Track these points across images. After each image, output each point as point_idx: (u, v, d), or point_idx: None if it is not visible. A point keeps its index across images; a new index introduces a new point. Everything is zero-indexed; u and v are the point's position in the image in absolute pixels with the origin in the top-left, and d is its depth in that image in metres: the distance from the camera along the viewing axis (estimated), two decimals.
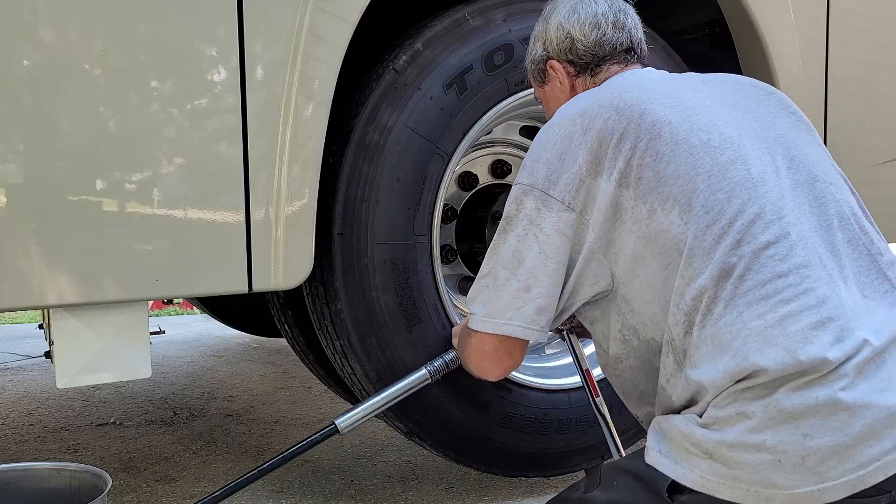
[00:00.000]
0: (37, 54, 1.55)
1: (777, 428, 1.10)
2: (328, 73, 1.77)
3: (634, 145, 1.28)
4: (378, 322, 1.91)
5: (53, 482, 1.63)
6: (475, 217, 2.24)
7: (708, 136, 1.28)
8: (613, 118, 1.31)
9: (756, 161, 1.27)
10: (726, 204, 1.22)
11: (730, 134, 1.29)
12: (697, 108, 1.32)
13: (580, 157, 1.31)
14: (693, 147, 1.26)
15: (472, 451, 2.06)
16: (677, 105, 1.32)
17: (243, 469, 2.40)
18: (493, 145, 2.33)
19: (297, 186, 1.76)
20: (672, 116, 1.30)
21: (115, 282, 1.63)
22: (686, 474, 1.16)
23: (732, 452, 1.12)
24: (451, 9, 2.01)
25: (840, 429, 1.08)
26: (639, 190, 1.26)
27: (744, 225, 1.20)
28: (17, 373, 3.84)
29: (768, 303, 1.15)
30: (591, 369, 1.84)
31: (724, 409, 1.14)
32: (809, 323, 1.14)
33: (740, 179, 1.24)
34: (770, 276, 1.17)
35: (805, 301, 1.15)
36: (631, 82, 1.42)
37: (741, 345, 1.14)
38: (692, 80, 1.43)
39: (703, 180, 1.24)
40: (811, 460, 1.08)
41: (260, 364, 4.02)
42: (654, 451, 1.22)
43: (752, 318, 1.15)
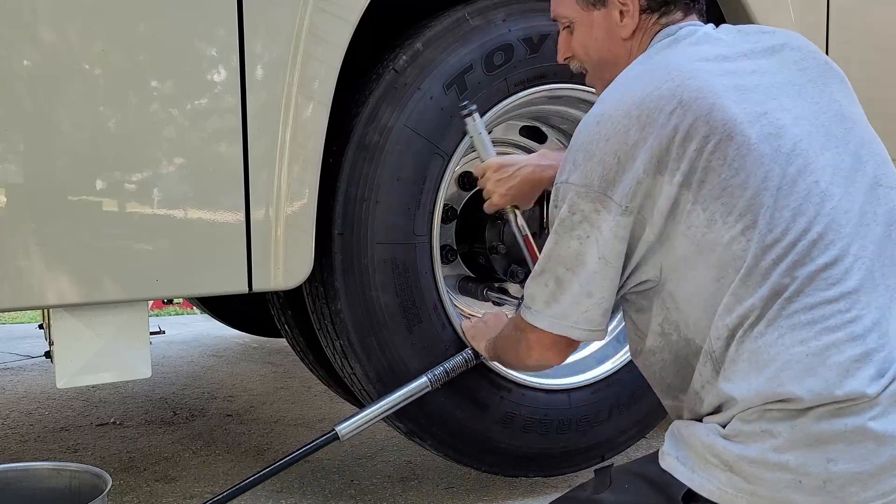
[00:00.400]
0: (37, 54, 1.55)
1: (802, 450, 1.09)
2: (328, 73, 1.77)
3: (702, 146, 1.19)
4: (378, 322, 1.90)
5: (53, 482, 1.63)
6: (475, 217, 2.24)
7: (778, 141, 1.20)
8: (678, 113, 1.20)
9: (824, 169, 1.21)
10: (791, 223, 1.16)
11: (799, 136, 1.22)
12: (765, 102, 1.23)
13: (639, 156, 1.21)
14: (763, 156, 1.18)
15: (472, 451, 2.06)
16: (746, 100, 1.23)
17: (243, 469, 2.40)
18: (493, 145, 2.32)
19: (297, 186, 1.76)
20: (742, 115, 1.20)
21: (115, 282, 1.63)
22: (704, 484, 1.14)
23: (753, 468, 1.11)
24: (451, 9, 2.01)
25: (866, 457, 1.07)
26: (700, 195, 1.19)
27: (806, 246, 1.15)
28: (17, 373, 3.84)
29: (813, 329, 1.12)
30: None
31: (749, 425, 1.13)
32: (853, 356, 1.11)
33: (808, 193, 1.18)
34: (819, 301, 1.13)
35: (851, 330, 1.12)
36: (691, 60, 1.28)
37: (779, 369, 1.12)
38: (755, 56, 1.31)
39: (771, 195, 1.17)
40: (833, 485, 1.07)
41: (260, 364, 4.01)
42: (670, 456, 1.21)
43: (794, 344, 1.12)
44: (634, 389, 2.21)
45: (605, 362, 2.23)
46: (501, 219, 2.18)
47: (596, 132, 1.26)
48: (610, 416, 2.17)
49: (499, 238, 2.18)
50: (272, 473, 1.80)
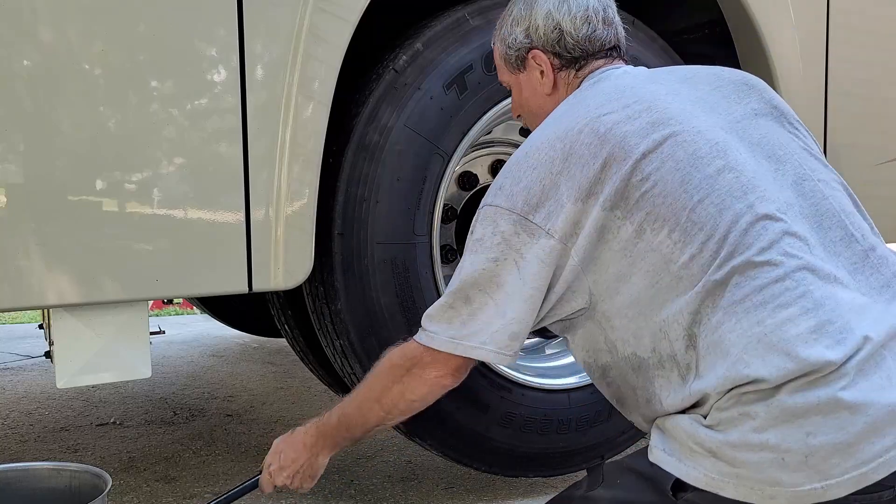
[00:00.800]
0: (37, 54, 1.55)
1: (780, 427, 1.10)
2: (328, 73, 1.77)
3: (619, 169, 1.24)
4: (378, 322, 1.90)
5: (53, 482, 1.63)
6: None
7: (694, 146, 1.25)
8: (596, 144, 1.27)
9: (744, 166, 1.25)
10: (718, 217, 1.20)
11: (716, 139, 1.27)
12: (680, 117, 1.29)
13: (563, 185, 1.26)
14: (679, 162, 1.24)
15: (472, 451, 2.06)
16: (659, 120, 1.29)
17: (243, 469, 2.40)
18: (493, 145, 2.33)
19: (297, 186, 1.76)
20: (655, 134, 1.26)
21: (115, 282, 1.63)
22: (690, 472, 1.16)
23: (736, 452, 1.12)
24: (451, 9, 2.01)
25: (842, 427, 1.08)
26: (626, 210, 1.24)
27: (737, 235, 1.19)
28: (17, 373, 3.84)
29: (766, 308, 1.15)
30: None
31: (727, 411, 1.14)
32: (809, 326, 1.13)
33: (730, 189, 1.22)
34: (767, 282, 1.16)
35: (803, 304, 1.15)
36: (609, 94, 1.36)
37: (741, 352, 1.14)
38: (669, 82, 1.39)
39: (693, 196, 1.22)
40: (814, 458, 1.08)
41: (260, 364, 4.02)
42: (657, 449, 1.22)
43: (752, 325, 1.14)
44: None
45: None
46: None
47: (524, 162, 1.32)
48: (610, 416, 2.17)
49: None
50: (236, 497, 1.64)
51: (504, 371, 2.04)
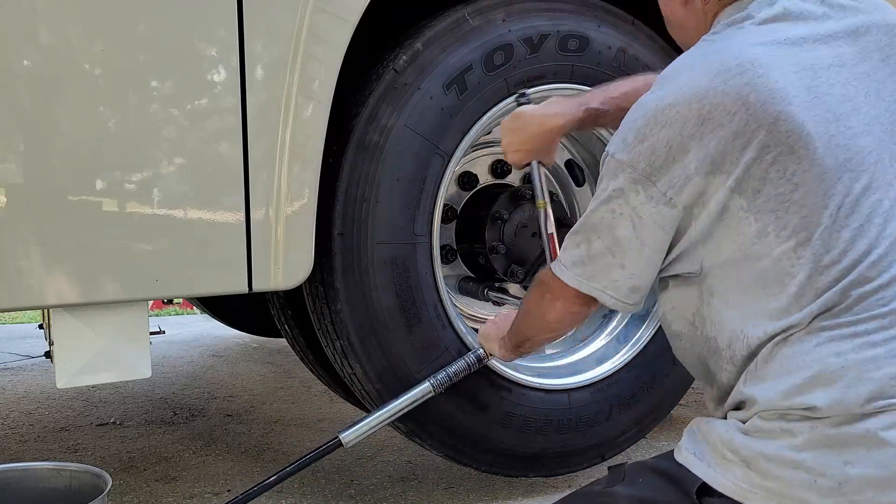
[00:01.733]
0: (37, 54, 1.55)
1: (819, 450, 1.09)
2: (328, 73, 1.77)
3: (761, 156, 1.13)
4: (378, 322, 1.91)
5: (53, 482, 1.63)
6: (475, 217, 2.24)
7: (846, 154, 1.14)
8: (741, 116, 1.13)
9: (891, 185, 1.16)
10: (850, 244, 1.13)
11: (869, 147, 1.16)
12: (839, 106, 1.16)
13: (692, 151, 1.15)
14: (826, 171, 1.13)
15: (472, 451, 2.06)
16: (818, 105, 1.15)
17: (243, 469, 2.40)
18: (493, 145, 2.32)
19: (297, 186, 1.76)
20: (810, 125, 1.14)
21: (115, 282, 1.63)
22: (718, 479, 1.15)
23: (770, 464, 1.11)
24: (451, 9, 2.01)
25: (884, 463, 1.07)
26: (754, 204, 1.15)
27: (865, 267, 1.13)
28: (17, 373, 3.84)
29: (853, 342, 1.11)
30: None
31: (769, 422, 1.13)
32: (891, 373, 1.10)
33: (870, 213, 1.14)
34: (866, 317, 1.12)
35: (893, 347, 1.11)
36: (764, 45, 1.19)
37: (809, 377, 1.12)
38: (837, 43, 1.21)
39: (831, 214, 1.13)
40: (848, 487, 1.07)
41: (260, 364, 4.02)
42: (687, 451, 1.21)
43: (831, 355, 1.11)
44: (634, 389, 2.21)
45: (605, 362, 2.23)
46: (501, 219, 2.18)
47: (653, 116, 1.20)
48: (610, 416, 2.17)
49: (499, 238, 2.18)
50: (275, 483, 1.80)
51: (504, 371, 2.04)
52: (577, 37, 2.06)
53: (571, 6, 2.09)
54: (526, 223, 2.20)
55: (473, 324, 2.28)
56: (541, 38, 2.01)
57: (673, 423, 2.65)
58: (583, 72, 2.08)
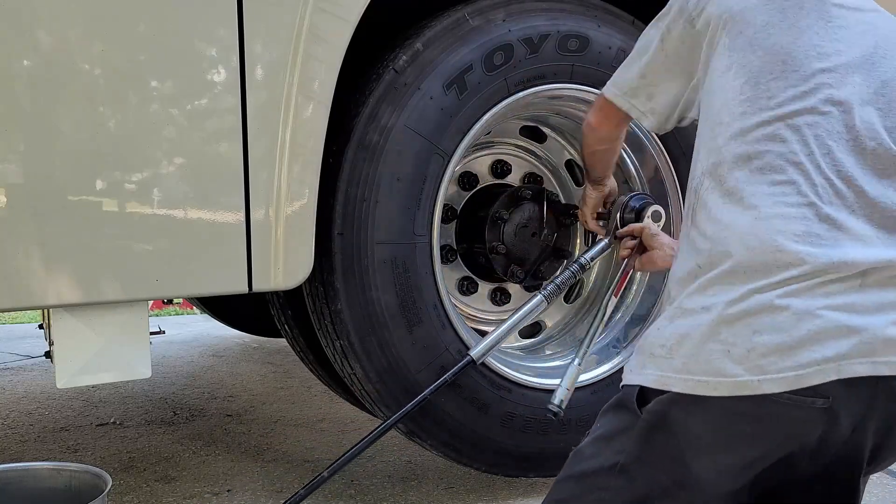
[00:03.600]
0: (37, 54, 1.55)
1: (732, 324, 1.14)
2: (328, 73, 1.77)
3: (759, 5, 1.28)
4: (378, 322, 1.90)
5: (53, 482, 1.63)
6: (475, 217, 2.24)
7: (822, 50, 1.25)
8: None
9: (847, 83, 1.23)
10: (789, 104, 1.21)
11: (842, 53, 1.25)
12: (835, 17, 1.28)
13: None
14: (800, 40, 1.25)
15: (472, 451, 2.06)
16: (822, 8, 1.29)
17: (243, 469, 2.40)
18: (493, 145, 2.33)
19: (297, 186, 1.76)
20: (808, 8, 1.27)
21: (115, 282, 1.63)
22: (646, 378, 1.20)
23: (688, 343, 1.16)
24: (451, 9, 2.01)
25: (786, 329, 1.11)
26: (735, 42, 1.28)
27: (787, 127, 1.20)
28: (17, 373, 3.84)
29: (768, 201, 1.18)
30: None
31: (691, 301, 1.19)
32: (797, 230, 1.15)
33: (816, 88, 1.22)
34: (788, 180, 1.18)
35: (805, 213, 1.16)
36: None
37: (724, 224, 1.19)
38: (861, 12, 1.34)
39: (786, 70, 1.23)
40: (755, 353, 1.12)
41: (260, 364, 4.02)
42: (626, 369, 1.28)
43: (748, 208, 1.18)
44: None
45: (605, 363, 2.23)
46: (501, 219, 2.18)
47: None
48: None
49: (499, 238, 2.18)
50: (381, 433, 1.89)
51: (504, 371, 2.04)
52: (577, 37, 2.06)
53: (571, 6, 2.09)
54: (526, 223, 2.20)
55: (473, 324, 2.28)
56: (541, 38, 2.01)
57: None
58: (583, 72, 2.08)
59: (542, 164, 2.41)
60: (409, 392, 1.94)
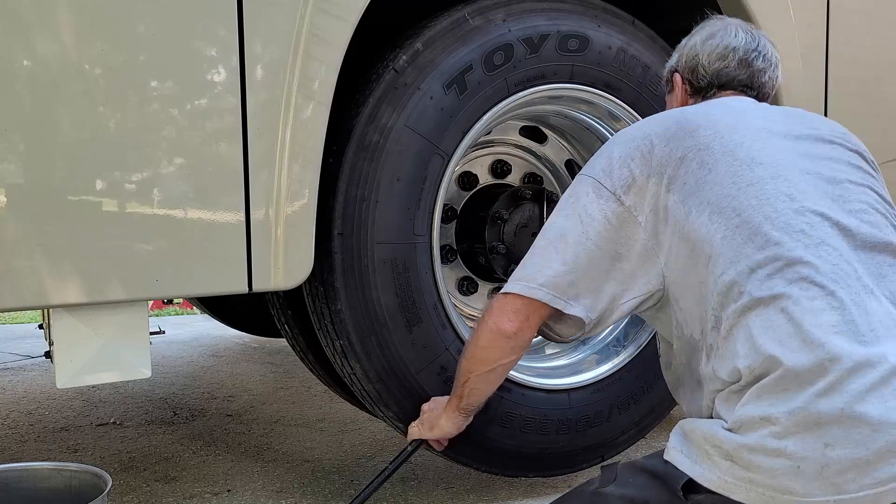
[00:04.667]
0: (37, 54, 1.55)
1: (799, 435, 1.10)
2: (328, 73, 1.77)
3: (685, 155, 1.35)
4: (378, 322, 1.90)
5: (53, 482, 1.63)
6: (475, 217, 2.24)
7: (756, 154, 1.33)
8: (672, 127, 1.40)
9: (798, 183, 1.31)
10: (757, 209, 1.26)
11: (781, 160, 1.34)
12: (757, 135, 1.37)
13: (637, 159, 1.39)
14: (737, 160, 1.32)
15: (471, 450, 2.06)
16: (741, 127, 1.38)
17: (243, 469, 2.40)
18: (493, 145, 2.33)
19: (297, 186, 1.76)
20: (728, 135, 1.36)
21: (115, 282, 1.63)
22: (704, 474, 1.17)
23: (752, 455, 1.12)
24: (451, 9, 2.01)
25: (863, 442, 1.07)
26: (682, 194, 1.33)
27: (777, 229, 1.24)
28: (17, 373, 3.84)
29: (788, 300, 1.18)
30: None
31: (748, 411, 1.15)
32: (831, 321, 1.14)
33: (777, 194, 1.28)
34: (796, 277, 1.19)
35: (831, 302, 1.16)
36: (713, 105, 1.50)
37: (759, 336, 1.17)
38: (769, 111, 1.48)
39: (740, 186, 1.29)
40: (830, 471, 1.08)
41: (260, 364, 4.02)
42: (674, 450, 1.24)
43: (777, 313, 1.17)
44: (634, 389, 2.21)
45: (605, 363, 2.23)
46: (501, 218, 2.18)
47: (615, 140, 1.49)
48: (610, 416, 2.17)
49: (499, 238, 2.18)
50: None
51: None
52: (577, 37, 2.06)
53: (571, 6, 2.09)
54: (526, 223, 2.20)
55: (473, 324, 2.28)
56: (541, 38, 2.01)
57: (672, 423, 2.64)
58: (583, 72, 2.08)
59: (542, 163, 2.41)
60: (409, 392, 1.94)
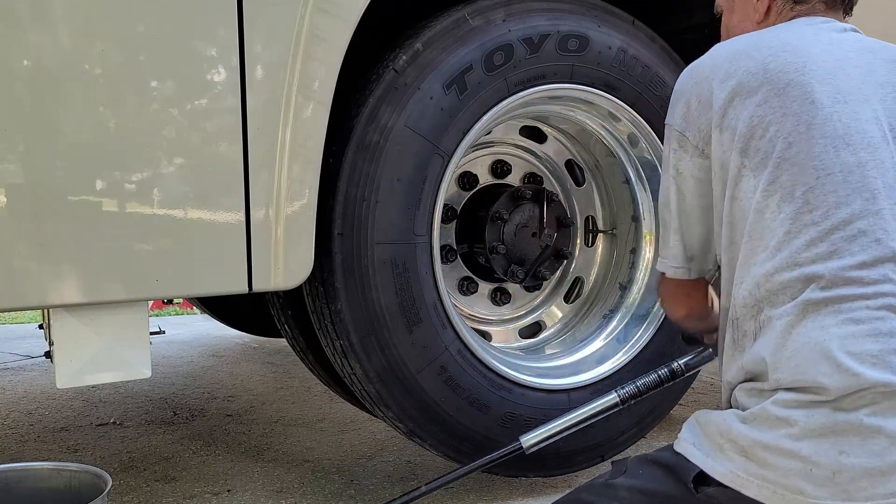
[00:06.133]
0: (37, 54, 1.55)
1: (815, 440, 1.09)
2: (328, 73, 1.77)
3: (764, 114, 1.22)
4: (378, 322, 1.91)
5: (53, 482, 1.63)
6: (475, 217, 2.24)
7: (846, 130, 1.19)
8: (759, 75, 1.24)
9: (889, 170, 1.19)
10: (834, 209, 1.16)
11: (871, 132, 1.21)
12: (849, 93, 1.23)
13: (715, 104, 1.27)
14: (825, 137, 1.19)
15: (472, 451, 2.06)
16: (831, 84, 1.23)
17: (243, 469, 2.40)
18: (493, 145, 2.33)
19: (297, 186, 1.76)
20: (818, 95, 1.21)
21: (116, 282, 1.63)
22: (716, 467, 1.16)
23: (767, 453, 1.12)
24: (451, 9, 2.01)
25: (878, 453, 1.07)
26: (753, 161, 1.22)
27: (843, 238, 1.15)
28: (17, 373, 3.84)
29: (838, 317, 1.13)
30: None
31: (768, 408, 1.14)
32: (872, 350, 1.11)
33: (859, 187, 1.17)
34: (852, 295, 1.14)
35: (878, 326, 1.12)
36: (800, 37, 1.30)
37: (803, 356, 1.13)
38: (869, 55, 1.30)
39: (819, 176, 1.18)
40: (842, 477, 1.07)
41: (260, 364, 4.02)
42: (686, 442, 1.23)
43: (816, 329, 1.13)
44: None
45: (605, 362, 2.23)
46: (501, 219, 2.18)
47: (689, 76, 1.35)
48: (610, 417, 2.17)
49: (499, 238, 2.18)
50: (448, 482, 1.86)
51: (504, 371, 2.04)
52: (577, 37, 2.06)
53: (571, 6, 2.09)
54: (526, 223, 2.20)
55: (473, 324, 2.28)
56: (541, 38, 2.01)
57: (672, 422, 2.65)
58: (583, 72, 2.08)
59: (542, 164, 2.41)
60: (409, 392, 1.94)
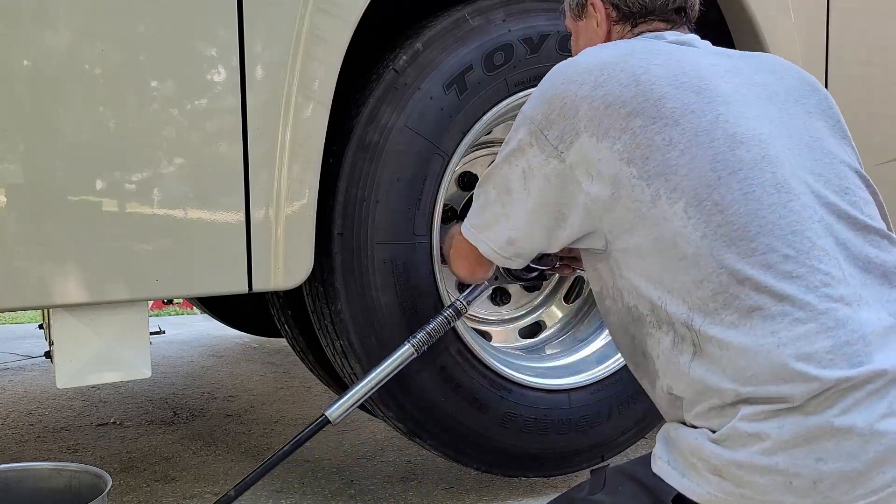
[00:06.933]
0: (37, 54, 1.55)
1: (790, 451, 1.07)
2: (328, 73, 1.77)
3: (646, 125, 1.19)
4: (378, 322, 1.90)
5: (53, 482, 1.63)
6: None
7: (736, 129, 1.19)
8: (631, 88, 1.22)
9: (782, 164, 1.19)
10: (743, 206, 1.14)
11: (760, 131, 1.20)
12: (729, 97, 1.23)
13: (582, 110, 1.23)
14: (715, 140, 1.18)
15: (472, 450, 2.06)
16: (706, 91, 1.22)
17: (243, 469, 2.40)
18: (493, 145, 2.32)
19: (297, 186, 1.76)
20: (696, 105, 1.20)
21: (115, 282, 1.63)
22: (693, 489, 1.14)
23: (742, 472, 1.09)
24: (451, 9, 2.01)
25: (854, 454, 1.06)
26: (644, 171, 1.18)
27: (761, 234, 1.14)
28: (17, 373, 3.84)
29: (784, 320, 1.10)
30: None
31: (736, 425, 1.11)
32: (824, 347, 1.09)
33: (762, 182, 1.16)
34: (787, 293, 1.11)
35: (824, 322, 1.10)
36: (664, 51, 1.30)
37: (759, 366, 1.10)
38: (730, 60, 1.32)
39: (721, 176, 1.16)
40: (823, 485, 1.06)
41: (260, 364, 4.02)
42: (661, 460, 1.20)
43: (766, 335, 1.10)
44: (634, 389, 2.21)
45: (605, 362, 2.23)
46: None
47: (558, 75, 1.31)
48: (610, 416, 2.17)
49: None
50: (266, 471, 1.79)
51: (504, 371, 2.04)
52: None
53: None
54: None
55: (473, 323, 2.28)
56: (541, 38, 2.01)
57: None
58: None
59: None
60: (409, 392, 1.94)
